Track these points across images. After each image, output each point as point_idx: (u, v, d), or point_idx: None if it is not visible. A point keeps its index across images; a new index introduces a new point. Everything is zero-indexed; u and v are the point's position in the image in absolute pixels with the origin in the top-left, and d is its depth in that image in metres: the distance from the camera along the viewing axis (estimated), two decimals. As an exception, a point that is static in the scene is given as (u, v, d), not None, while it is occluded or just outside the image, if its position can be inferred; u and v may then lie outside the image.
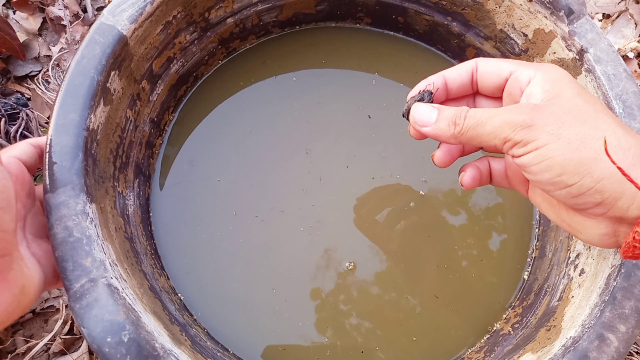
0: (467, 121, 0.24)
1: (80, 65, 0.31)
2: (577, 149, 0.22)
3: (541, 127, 0.22)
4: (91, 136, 0.30)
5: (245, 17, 0.42)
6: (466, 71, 0.28)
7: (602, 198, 0.22)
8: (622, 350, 0.28)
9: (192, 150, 0.41)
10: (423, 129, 0.27)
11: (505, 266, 0.39)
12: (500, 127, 0.23)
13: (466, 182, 0.29)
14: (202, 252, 0.38)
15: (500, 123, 0.23)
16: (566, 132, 0.22)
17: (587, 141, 0.22)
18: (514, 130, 0.23)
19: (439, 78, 0.28)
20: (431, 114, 0.26)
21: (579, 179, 0.22)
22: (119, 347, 0.26)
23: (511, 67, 0.26)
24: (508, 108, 0.23)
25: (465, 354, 0.37)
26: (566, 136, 0.22)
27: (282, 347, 0.36)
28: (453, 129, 0.25)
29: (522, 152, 0.23)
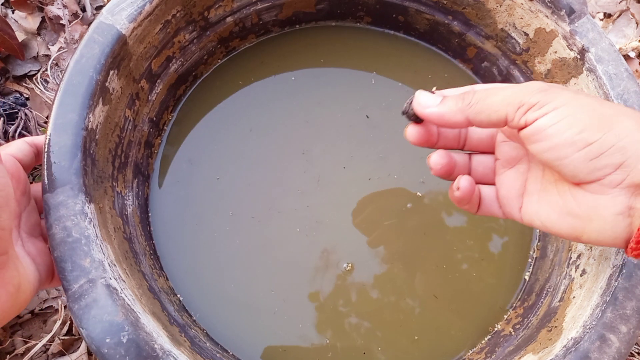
0: (477, 94, 0.24)
1: (79, 65, 0.31)
2: (598, 106, 0.21)
3: (557, 91, 0.22)
4: (90, 136, 0.30)
5: (244, 16, 0.42)
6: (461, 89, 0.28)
7: (624, 158, 0.21)
8: (623, 351, 0.28)
9: (191, 150, 0.41)
10: (427, 110, 0.25)
11: (506, 267, 0.39)
12: (513, 95, 0.22)
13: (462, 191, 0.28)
14: (201, 252, 0.38)
15: (513, 91, 0.22)
16: (582, 97, 0.22)
17: (604, 103, 0.21)
18: (530, 94, 0.22)
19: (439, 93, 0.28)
20: (436, 97, 0.26)
21: (601, 135, 0.21)
22: (118, 347, 0.25)
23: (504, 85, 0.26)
24: (519, 87, 0.23)
25: (466, 354, 0.37)
26: (583, 99, 0.21)
27: (281, 348, 0.36)
28: (461, 103, 0.24)
29: (538, 115, 0.22)
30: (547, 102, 0.22)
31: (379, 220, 0.39)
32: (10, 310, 0.25)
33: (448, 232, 0.39)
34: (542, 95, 0.22)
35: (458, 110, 0.24)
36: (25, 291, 0.26)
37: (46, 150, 0.28)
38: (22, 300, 0.25)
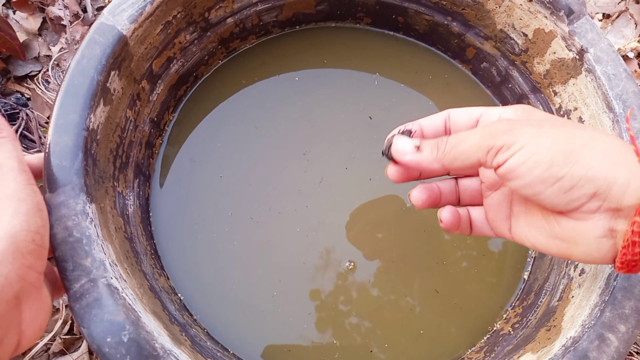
0: (449, 141, 0.25)
1: (80, 65, 0.31)
2: (564, 138, 0.22)
3: (521, 130, 0.23)
4: (91, 136, 0.30)
5: (245, 17, 0.42)
6: (440, 119, 0.29)
7: (596, 187, 0.21)
8: (622, 350, 0.28)
9: (192, 150, 0.41)
10: (405, 157, 0.27)
11: (505, 266, 0.39)
12: (482, 138, 0.23)
13: (445, 223, 0.29)
14: (202, 252, 0.38)
15: (482, 135, 0.24)
16: (547, 131, 0.22)
17: (569, 134, 0.22)
18: (496, 136, 0.23)
19: (416, 125, 0.29)
20: (413, 142, 0.27)
21: (569, 169, 0.21)
22: (119, 347, 0.25)
23: (481, 109, 0.27)
24: (486, 124, 0.25)
25: (465, 353, 0.37)
26: (548, 133, 0.22)
27: (281, 347, 0.36)
28: (436, 152, 0.25)
29: (507, 156, 0.23)
30: (513, 142, 0.22)
31: (380, 220, 0.40)
32: (44, 327, 0.25)
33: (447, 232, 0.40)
34: (507, 136, 0.23)
35: (434, 160, 0.26)
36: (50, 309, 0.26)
37: (47, 150, 0.28)
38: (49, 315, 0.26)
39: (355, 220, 0.39)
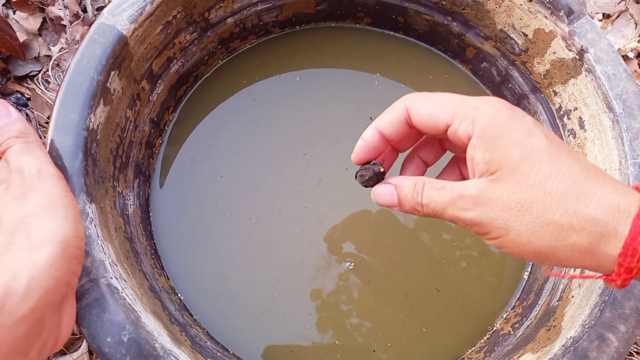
0: (426, 209, 0.25)
1: (80, 65, 0.31)
2: (528, 241, 0.22)
3: (489, 223, 0.23)
4: (91, 136, 0.30)
5: (245, 17, 0.42)
6: (398, 120, 0.26)
7: (568, 265, 0.23)
8: (622, 350, 0.28)
9: (192, 150, 0.41)
10: (393, 209, 0.28)
11: (505, 266, 0.39)
12: (455, 220, 0.24)
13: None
14: (203, 252, 0.38)
15: (454, 218, 0.24)
16: (515, 225, 0.22)
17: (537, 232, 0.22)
18: (467, 225, 0.24)
19: (373, 134, 0.27)
20: (392, 197, 0.27)
21: (540, 261, 0.23)
22: (119, 347, 0.26)
23: (446, 116, 0.24)
24: (456, 196, 0.23)
25: (465, 353, 0.37)
26: (515, 229, 0.22)
27: (282, 347, 0.36)
28: (419, 213, 0.26)
29: (483, 238, 0.24)
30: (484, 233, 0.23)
31: (380, 220, 0.40)
32: (73, 328, 0.26)
33: (447, 231, 0.40)
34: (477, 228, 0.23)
35: (417, 214, 0.26)
36: None
37: (47, 150, 0.28)
38: None
39: (356, 220, 0.39)
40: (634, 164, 0.32)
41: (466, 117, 0.23)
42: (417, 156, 0.30)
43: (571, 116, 0.38)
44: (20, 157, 0.26)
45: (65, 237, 0.24)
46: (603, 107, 0.35)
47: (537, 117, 0.42)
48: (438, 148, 0.29)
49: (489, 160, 0.22)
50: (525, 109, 0.43)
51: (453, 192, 0.23)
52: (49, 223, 0.24)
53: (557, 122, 0.40)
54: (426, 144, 0.29)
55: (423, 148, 0.30)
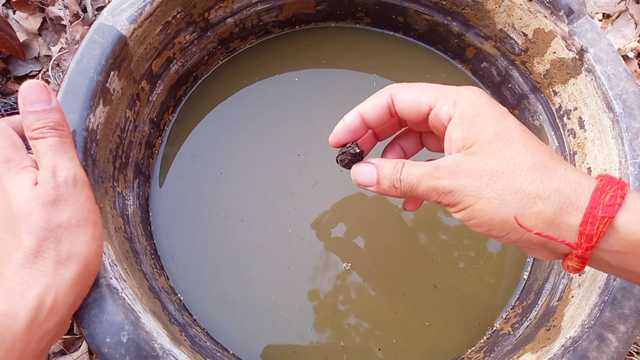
0: (403, 185, 0.26)
1: (79, 65, 0.31)
2: (497, 208, 0.23)
3: (461, 191, 0.24)
4: (90, 136, 0.30)
5: (245, 17, 0.42)
6: (382, 106, 0.27)
7: (532, 243, 0.24)
8: (621, 350, 0.28)
9: (192, 150, 0.41)
10: (369, 188, 0.28)
11: (505, 266, 0.39)
12: (428, 192, 0.25)
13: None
14: (202, 252, 0.38)
15: (427, 189, 0.25)
16: (485, 192, 0.23)
17: (505, 199, 0.23)
18: (440, 196, 0.25)
19: (355, 117, 0.28)
20: (371, 175, 0.27)
21: (505, 234, 0.24)
22: (118, 347, 0.26)
23: (429, 100, 0.25)
24: (432, 169, 0.25)
25: (465, 353, 0.37)
26: (486, 197, 0.23)
27: (281, 347, 0.36)
28: (395, 191, 0.26)
29: (453, 211, 0.25)
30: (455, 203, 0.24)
31: (376, 221, 0.40)
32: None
33: (445, 231, 0.40)
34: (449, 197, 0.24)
35: (396, 196, 0.27)
36: None
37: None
38: None
39: (352, 220, 0.39)
40: (633, 164, 0.32)
41: (448, 99, 0.25)
42: (398, 145, 0.31)
43: (571, 116, 0.38)
44: (56, 154, 0.25)
45: (90, 256, 0.25)
46: (603, 107, 0.35)
47: (537, 117, 0.42)
48: (418, 140, 0.31)
49: (466, 136, 0.24)
50: (525, 108, 0.43)
51: (430, 165, 0.25)
52: (77, 241, 0.24)
53: (557, 122, 0.39)
54: (407, 134, 0.31)
55: (404, 138, 0.31)
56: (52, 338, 0.24)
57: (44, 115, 0.25)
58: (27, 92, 0.26)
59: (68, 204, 0.24)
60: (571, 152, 0.38)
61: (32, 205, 0.23)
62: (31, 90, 0.26)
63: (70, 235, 0.24)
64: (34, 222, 0.23)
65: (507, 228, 0.23)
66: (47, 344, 0.23)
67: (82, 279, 0.25)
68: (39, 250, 0.23)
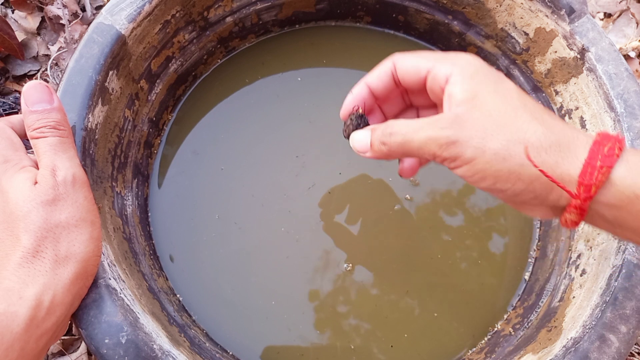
0: (394, 138, 0.25)
1: (78, 65, 0.31)
2: (503, 159, 0.23)
3: (466, 142, 0.23)
4: (89, 136, 0.30)
5: (244, 16, 0.42)
6: (386, 74, 0.28)
7: (535, 195, 0.24)
8: (623, 351, 0.28)
9: (191, 150, 0.41)
10: (365, 155, 0.27)
11: (506, 267, 0.39)
12: (426, 144, 0.24)
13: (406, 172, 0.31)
14: (201, 252, 0.38)
15: (426, 139, 0.24)
16: (490, 144, 0.23)
17: (511, 149, 0.23)
18: (440, 147, 0.24)
19: (362, 88, 0.29)
20: (366, 139, 0.27)
21: (511, 185, 0.23)
22: (117, 348, 0.25)
23: (428, 64, 0.26)
24: (431, 120, 0.24)
25: (466, 354, 0.37)
26: (492, 148, 0.23)
27: (281, 348, 0.36)
28: (384, 149, 0.26)
29: (454, 166, 0.24)
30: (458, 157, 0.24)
31: (378, 221, 0.39)
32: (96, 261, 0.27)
33: (447, 232, 0.39)
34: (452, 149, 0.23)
35: (385, 156, 0.26)
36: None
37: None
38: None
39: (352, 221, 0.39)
40: (635, 164, 0.32)
41: (446, 62, 0.25)
42: (379, 109, 0.31)
43: (572, 115, 0.38)
44: (56, 154, 0.25)
45: (88, 256, 0.25)
46: (604, 107, 0.34)
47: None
48: (400, 100, 0.31)
49: (467, 89, 0.24)
50: (526, 108, 0.42)
51: (428, 118, 0.25)
52: (75, 240, 0.24)
53: (558, 121, 0.39)
54: (388, 97, 0.30)
55: (385, 102, 0.31)
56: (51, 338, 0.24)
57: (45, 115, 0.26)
58: (29, 92, 0.26)
59: (67, 203, 0.24)
60: (572, 152, 0.38)
61: (31, 205, 0.23)
62: (33, 90, 0.26)
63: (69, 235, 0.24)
64: (32, 221, 0.23)
65: (514, 179, 0.23)
66: (45, 343, 0.23)
67: (80, 279, 0.24)
68: (37, 250, 0.23)
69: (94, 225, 0.26)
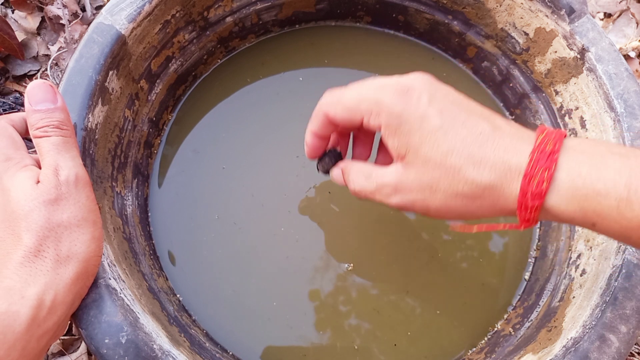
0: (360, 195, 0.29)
1: (78, 65, 0.31)
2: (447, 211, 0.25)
3: (412, 205, 0.26)
4: (89, 136, 0.30)
5: (244, 16, 0.42)
6: (325, 124, 0.29)
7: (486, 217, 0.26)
8: (623, 351, 0.28)
9: (191, 150, 0.41)
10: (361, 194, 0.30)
11: (506, 267, 0.39)
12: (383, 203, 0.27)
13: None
14: (201, 252, 0.38)
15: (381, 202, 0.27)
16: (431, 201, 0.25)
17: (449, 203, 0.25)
18: (394, 207, 0.27)
19: (311, 138, 0.30)
20: (340, 178, 0.31)
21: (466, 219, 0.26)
22: (117, 348, 0.25)
23: (356, 116, 0.27)
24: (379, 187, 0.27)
25: (466, 354, 0.37)
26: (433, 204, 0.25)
27: (281, 348, 0.36)
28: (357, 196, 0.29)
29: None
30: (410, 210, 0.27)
31: (377, 221, 0.39)
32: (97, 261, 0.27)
33: (447, 232, 0.39)
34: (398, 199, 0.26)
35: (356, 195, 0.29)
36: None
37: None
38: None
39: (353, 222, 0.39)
40: (635, 164, 0.32)
41: (371, 111, 0.26)
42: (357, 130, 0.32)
43: (572, 115, 0.38)
44: (59, 153, 0.25)
45: (89, 256, 0.25)
46: (604, 107, 0.34)
47: (539, 117, 0.41)
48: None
49: (397, 146, 0.25)
50: (526, 108, 0.42)
51: (377, 180, 0.27)
52: (77, 240, 0.24)
53: (558, 121, 0.39)
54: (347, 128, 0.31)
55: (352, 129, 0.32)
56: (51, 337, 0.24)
57: (48, 114, 0.26)
58: (33, 91, 0.26)
59: (69, 203, 0.24)
60: (572, 152, 0.38)
61: (33, 204, 0.23)
62: (37, 90, 0.26)
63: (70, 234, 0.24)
64: (34, 220, 0.23)
65: (465, 217, 0.25)
66: (46, 343, 0.23)
67: (81, 279, 0.24)
68: (38, 249, 0.23)
69: (95, 225, 0.26)
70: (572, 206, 0.22)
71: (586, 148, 0.23)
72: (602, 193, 0.22)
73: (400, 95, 0.25)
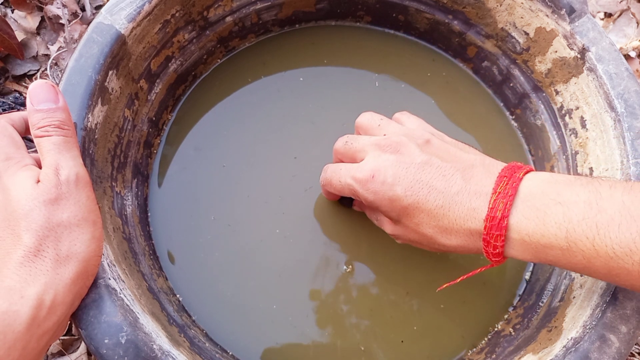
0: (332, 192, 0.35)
1: (78, 64, 0.31)
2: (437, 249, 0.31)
3: (411, 243, 0.33)
4: (89, 136, 0.30)
5: (244, 15, 0.42)
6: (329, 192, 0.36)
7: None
8: (623, 351, 0.28)
9: (190, 149, 0.41)
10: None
11: (506, 267, 0.39)
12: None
13: None
14: (201, 252, 0.38)
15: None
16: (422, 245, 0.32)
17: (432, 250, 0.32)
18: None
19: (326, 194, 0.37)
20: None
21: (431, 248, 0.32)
22: (117, 348, 0.25)
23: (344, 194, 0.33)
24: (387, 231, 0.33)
25: (466, 354, 0.37)
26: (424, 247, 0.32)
27: (281, 349, 0.36)
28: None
29: None
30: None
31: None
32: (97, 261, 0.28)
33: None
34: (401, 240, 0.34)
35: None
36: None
37: (45, 150, 0.28)
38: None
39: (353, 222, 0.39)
40: (635, 164, 0.32)
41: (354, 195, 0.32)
42: None
43: (573, 115, 0.38)
44: (60, 153, 0.25)
45: (89, 256, 0.25)
46: (605, 107, 0.34)
47: (539, 117, 0.41)
48: None
49: (383, 213, 0.31)
50: (526, 108, 0.42)
51: (382, 226, 0.34)
52: (77, 240, 0.24)
53: (558, 121, 0.39)
54: None
55: None
56: (51, 337, 0.24)
57: (49, 114, 0.26)
58: (35, 91, 0.26)
59: (69, 202, 0.24)
60: (573, 152, 0.38)
61: (33, 203, 0.23)
62: (39, 90, 0.26)
63: (70, 234, 0.24)
64: (34, 220, 0.23)
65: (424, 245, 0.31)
66: (46, 343, 0.23)
67: (80, 279, 0.24)
68: (38, 249, 0.23)
69: (95, 225, 0.26)
70: (528, 255, 0.27)
71: (536, 199, 0.26)
72: (547, 246, 0.25)
73: (369, 184, 0.29)
